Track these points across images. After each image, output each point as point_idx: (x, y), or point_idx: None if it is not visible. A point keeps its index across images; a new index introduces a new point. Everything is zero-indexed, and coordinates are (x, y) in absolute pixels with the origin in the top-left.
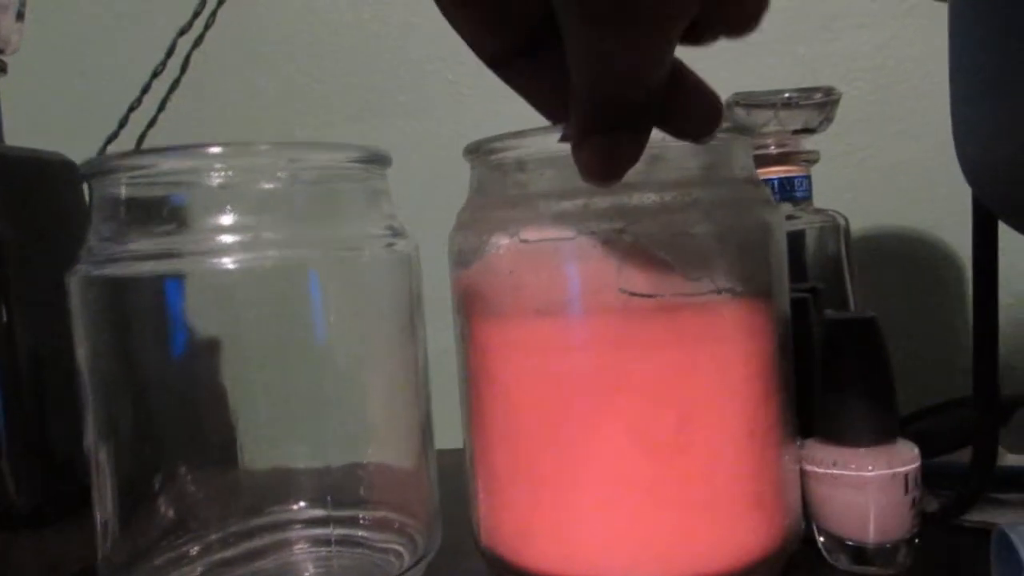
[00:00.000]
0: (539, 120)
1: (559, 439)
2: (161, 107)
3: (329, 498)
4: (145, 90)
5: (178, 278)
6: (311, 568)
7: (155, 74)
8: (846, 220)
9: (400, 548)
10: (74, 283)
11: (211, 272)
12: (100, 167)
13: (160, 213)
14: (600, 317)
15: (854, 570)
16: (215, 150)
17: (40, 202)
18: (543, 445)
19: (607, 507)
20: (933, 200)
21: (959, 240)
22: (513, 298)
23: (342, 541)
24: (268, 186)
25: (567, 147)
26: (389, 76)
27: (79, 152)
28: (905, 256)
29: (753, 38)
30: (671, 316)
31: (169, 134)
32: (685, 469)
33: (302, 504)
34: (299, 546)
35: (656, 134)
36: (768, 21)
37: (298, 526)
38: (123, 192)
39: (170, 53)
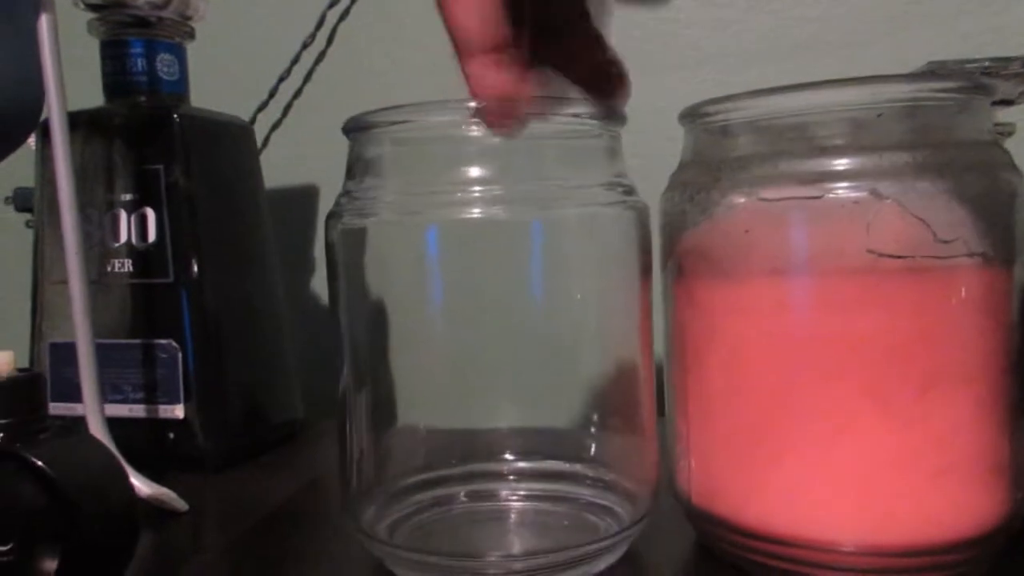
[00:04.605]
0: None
1: (792, 401)
2: (307, 78)
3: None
4: (295, 61)
5: (428, 229)
6: (519, 518)
7: (305, 46)
8: None
9: (619, 508)
10: (336, 234)
11: (458, 224)
12: (361, 123)
13: (414, 166)
14: (845, 278)
15: None
16: (473, 104)
17: (224, 161)
18: (774, 407)
19: (842, 471)
20: None
21: None
22: (746, 258)
23: (561, 498)
24: (526, 141)
25: (810, 107)
26: None
27: None
28: None
29: (912, 16)
30: (919, 278)
31: (315, 105)
32: (926, 434)
33: (525, 456)
34: (514, 497)
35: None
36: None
37: (512, 477)
38: (379, 147)
39: (319, 26)
